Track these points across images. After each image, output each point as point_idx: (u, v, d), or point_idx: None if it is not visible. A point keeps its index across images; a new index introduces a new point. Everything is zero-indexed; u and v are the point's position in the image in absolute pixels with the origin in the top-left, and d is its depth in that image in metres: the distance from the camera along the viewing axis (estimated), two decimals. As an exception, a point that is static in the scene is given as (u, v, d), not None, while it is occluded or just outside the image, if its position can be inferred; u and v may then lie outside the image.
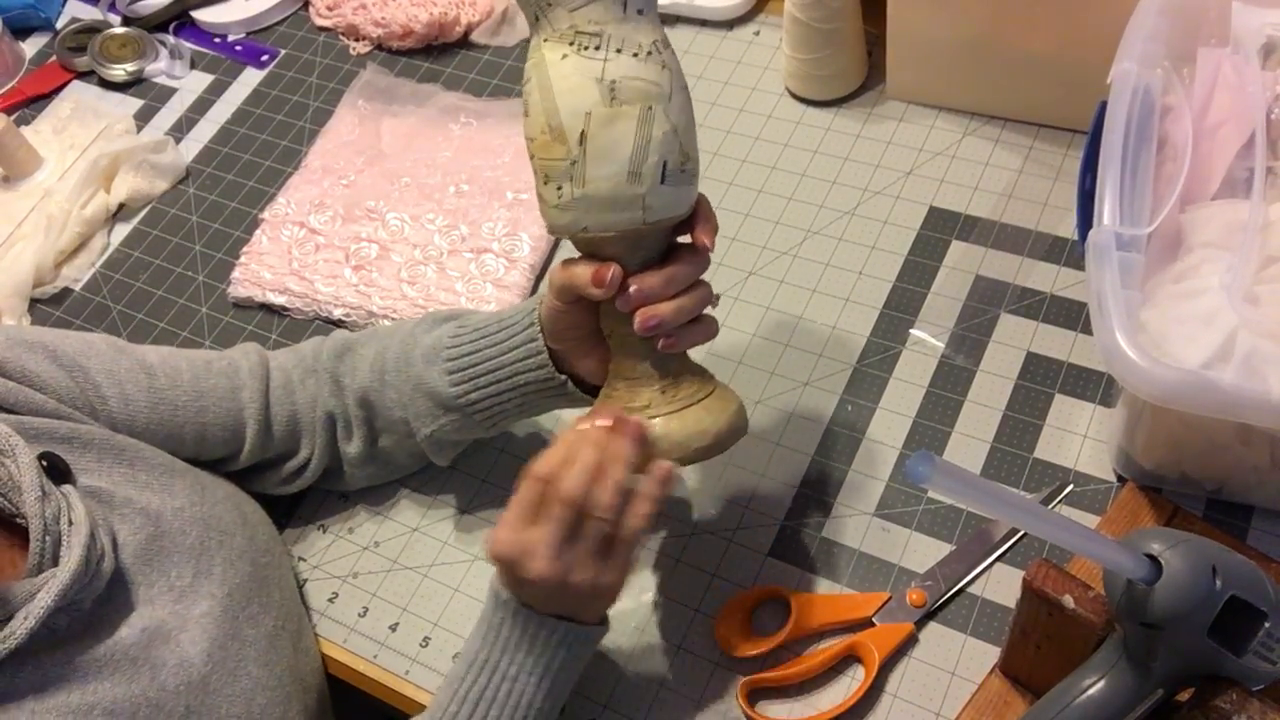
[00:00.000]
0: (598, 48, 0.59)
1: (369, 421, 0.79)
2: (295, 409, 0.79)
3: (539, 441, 0.85)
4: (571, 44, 0.59)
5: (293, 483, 0.82)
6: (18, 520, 0.63)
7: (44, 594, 0.59)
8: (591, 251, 0.64)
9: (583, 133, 0.59)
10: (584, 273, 0.63)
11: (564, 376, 0.71)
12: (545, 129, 0.60)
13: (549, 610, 0.64)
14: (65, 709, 0.60)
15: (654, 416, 0.65)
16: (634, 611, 0.77)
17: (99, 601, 0.64)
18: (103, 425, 0.71)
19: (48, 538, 0.61)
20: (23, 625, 0.58)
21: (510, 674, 0.64)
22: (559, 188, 0.61)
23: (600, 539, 0.62)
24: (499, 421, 0.75)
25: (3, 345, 0.69)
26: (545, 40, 0.60)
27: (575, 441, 0.62)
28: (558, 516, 0.60)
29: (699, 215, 0.65)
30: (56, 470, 0.65)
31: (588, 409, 0.68)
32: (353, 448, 0.80)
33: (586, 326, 0.68)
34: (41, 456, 0.65)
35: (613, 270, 0.62)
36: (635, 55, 0.59)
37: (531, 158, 0.62)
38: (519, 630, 0.64)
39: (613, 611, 0.68)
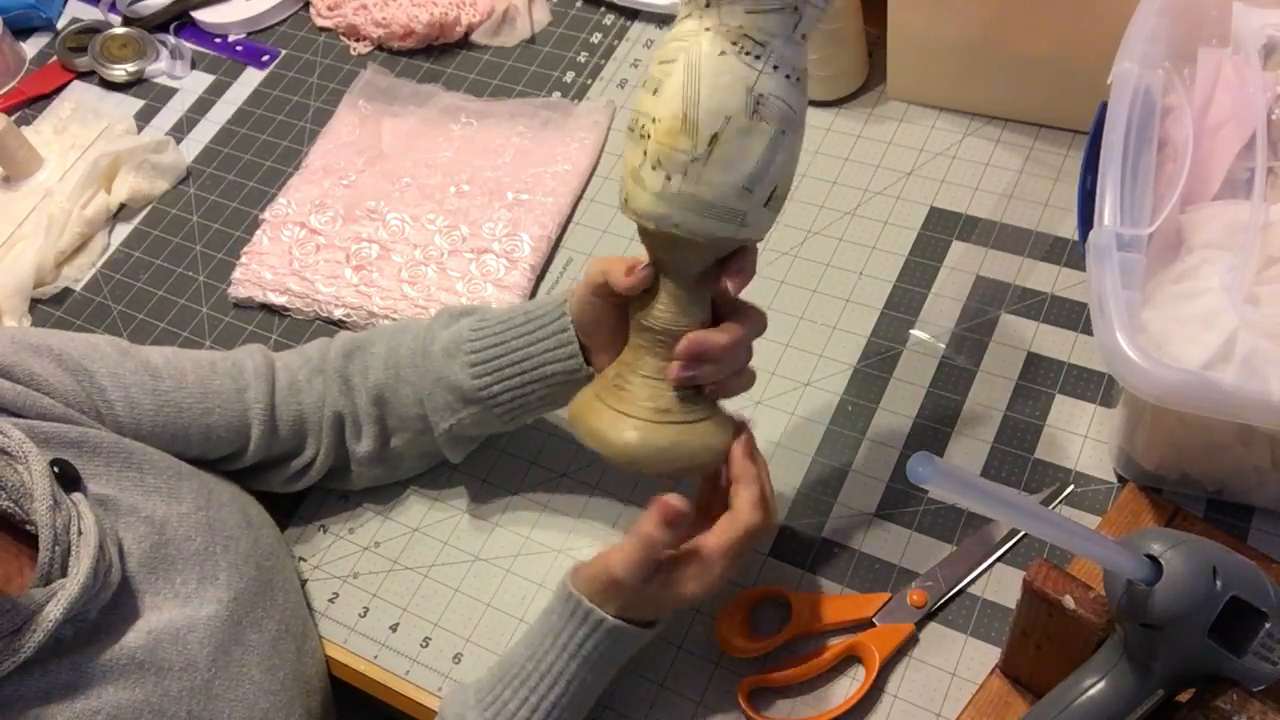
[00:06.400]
0: (758, 57, 0.57)
1: (382, 420, 0.79)
2: (301, 409, 0.79)
3: (542, 443, 0.85)
4: (735, 44, 0.57)
5: (297, 482, 0.82)
6: (27, 527, 0.63)
7: (52, 606, 0.59)
8: (654, 246, 0.63)
9: (715, 134, 0.57)
10: (617, 267, 0.65)
11: (590, 368, 0.71)
12: (679, 116, 0.58)
13: (603, 601, 0.66)
14: (70, 715, 0.60)
15: (626, 415, 0.65)
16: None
17: (105, 610, 0.64)
18: (108, 429, 0.71)
19: (57, 548, 0.61)
20: (32, 638, 0.58)
21: (579, 675, 0.67)
22: (668, 177, 0.59)
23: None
24: (519, 415, 0.75)
25: (8, 349, 0.68)
26: (708, 29, 0.57)
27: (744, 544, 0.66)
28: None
29: (738, 260, 0.65)
30: (67, 477, 0.65)
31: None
32: (363, 447, 0.80)
33: (616, 320, 0.69)
34: (53, 463, 0.65)
35: (641, 268, 0.64)
36: (788, 77, 0.58)
37: (644, 137, 0.59)
38: (606, 643, 0.66)
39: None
